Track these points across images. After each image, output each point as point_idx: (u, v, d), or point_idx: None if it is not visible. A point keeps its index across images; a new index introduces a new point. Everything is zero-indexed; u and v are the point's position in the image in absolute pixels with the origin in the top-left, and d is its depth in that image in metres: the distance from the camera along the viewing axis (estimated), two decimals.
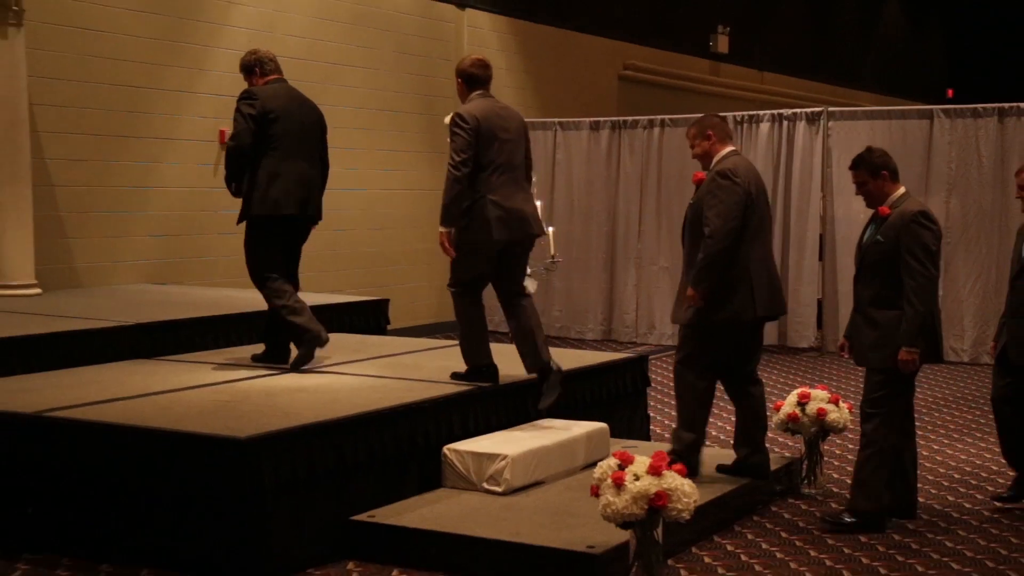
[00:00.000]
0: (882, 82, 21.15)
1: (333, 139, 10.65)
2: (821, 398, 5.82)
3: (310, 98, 6.24)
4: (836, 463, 6.49)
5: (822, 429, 5.79)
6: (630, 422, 6.67)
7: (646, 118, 11.61)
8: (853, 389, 8.83)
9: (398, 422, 5.12)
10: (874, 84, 20.90)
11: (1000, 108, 10.24)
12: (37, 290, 7.89)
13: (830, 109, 10.92)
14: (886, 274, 5.14)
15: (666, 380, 9.21)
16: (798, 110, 11.00)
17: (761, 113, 11.16)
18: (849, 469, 6.36)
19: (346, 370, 6.12)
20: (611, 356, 6.98)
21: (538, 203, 9.77)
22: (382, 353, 6.76)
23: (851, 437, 7.03)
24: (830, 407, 5.78)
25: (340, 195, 10.79)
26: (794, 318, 10.78)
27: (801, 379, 9.17)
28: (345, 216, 10.77)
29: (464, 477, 5.22)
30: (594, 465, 4.40)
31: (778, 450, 6.64)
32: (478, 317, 5.70)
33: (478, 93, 5.65)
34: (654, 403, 7.96)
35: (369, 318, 8.25)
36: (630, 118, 11.78)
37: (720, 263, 5.25)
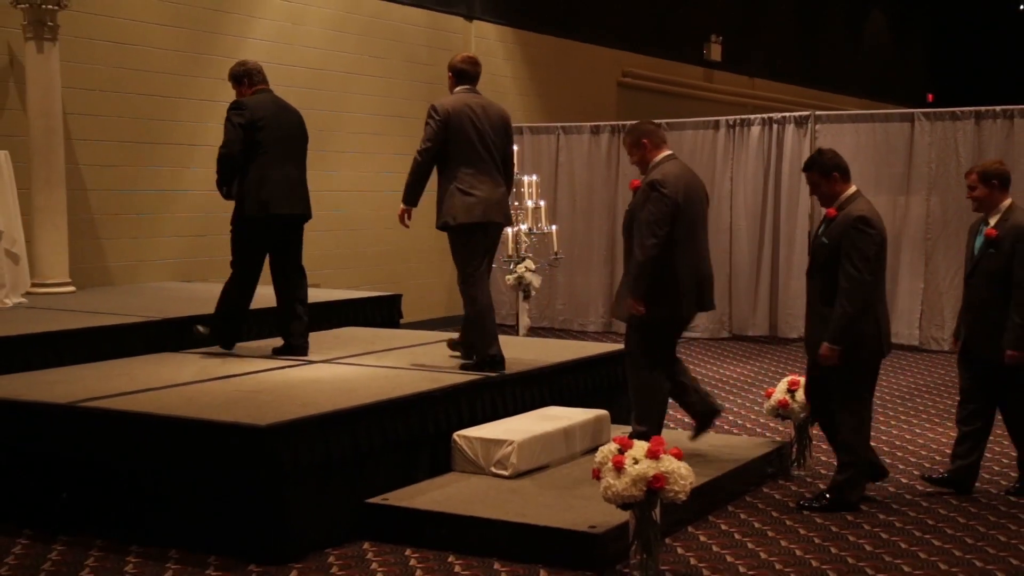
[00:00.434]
0: (866, 87, 21.07)
1: (349, 144, 10.76)
2: None
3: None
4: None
5: (810, 414, 5.75)
6: (629, 409, 6.63)
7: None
8: None
9: (410, 410, 5.10)
10: (859, 89, 20.82)
11: (977, 111, 10.19)
12: (71, 288, 7.89)
13: (817, 113, 10.87)
14: (832, 273, 5.07)
15: None
16: (787, 114, 10.96)
17: (752, 117, 11.12)
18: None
19: (361, 361, 6.10)
20: (611, 347, 6.95)
21: (542, 203, 9.87)
22: (395, 345, 6.74)
23: None
24: None
25: (355, 197, 10.80)
26: (784, 310, 10.75)
27: (791, 368, 9.14)
28: (360, 217, 10.76)
29: (473, 462, 5.20)
30: (595, 450, 4.38)
31: (769, 434, 6.62)
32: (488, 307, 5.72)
33: (464, 88, 5.77)
34: None
35: (383, 312, 8.23)
36: (628, 123, 11.70)
37: (648, 272, 5.20)
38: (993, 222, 5.34)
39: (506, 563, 4.39)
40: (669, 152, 5.43)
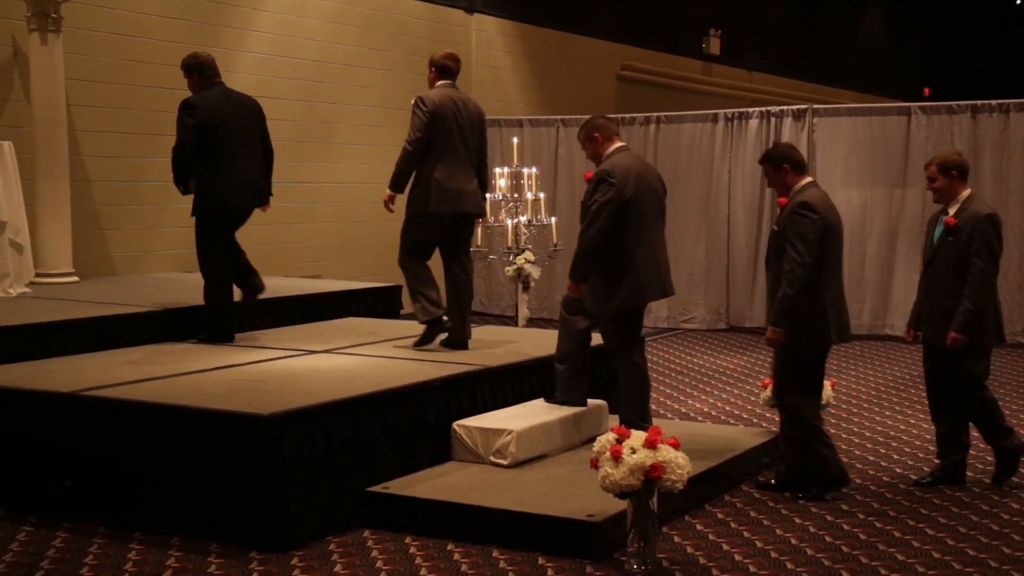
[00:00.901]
0: (863, 81, 21.04)
1: (350, 136, 10.74)
2: None
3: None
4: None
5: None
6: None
7: (643, 115, 11.56)
8: (836, 368, 8.80)
9: (410, 400, 5.10)
10: (856, 83, 20.78)
11: (973, 105, 10.18)
12: (74, 278, 7.88)
13: (815, 106, 10.85)
14: (782, 261, 5.14)
15: (660, 359, 9.19)
16: (785, 107, 10.93)
17: (750, 110, 11.10)
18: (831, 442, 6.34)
19: (362, 351, 6.10)
20: None
21: (541, 195, 9.86)
22: (395, 335, 6.73)
23: (833, 412, 7.01)
24: None
25: (357, 188, 10.79)
26: None
27: None
28: (361, 208, 10.75)
29: (472, 451, 5.20)
30: (593, 439, 4.38)
31: (765, 425, 6.62)
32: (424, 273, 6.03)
33: (445, 83, 5.98)
34: (651, 382, 7.93)
35: (383, 303, 8.22)
36: (628, 115, 11.72)
37: (588, 259, 5.24)
38: (953, 211, 5.36)
39: (505, 551, 4.40)
40: (621, 144, 5.46)
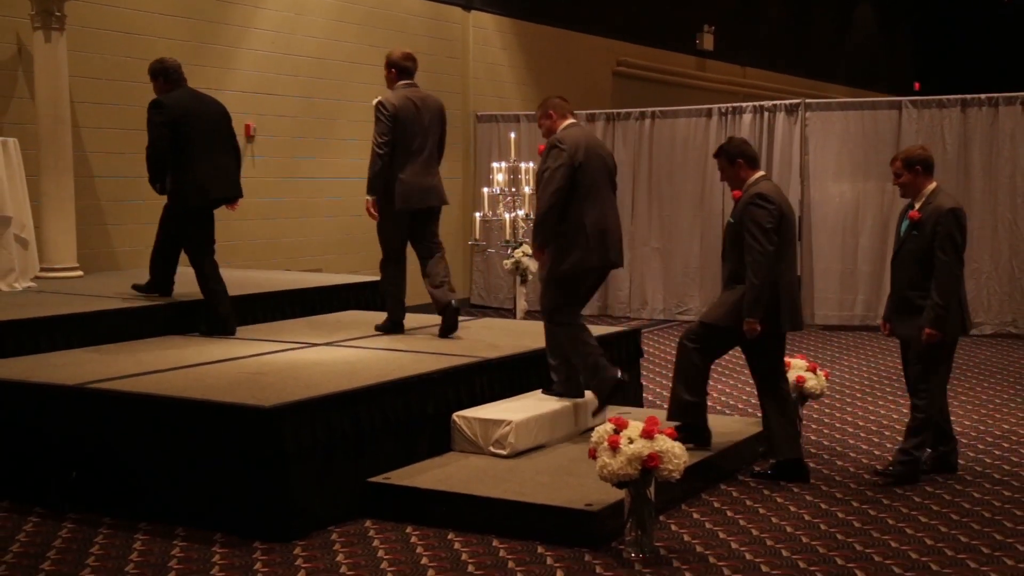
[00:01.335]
0: (854, 76, 21.01)
1: (350, 132, 10.71)
2: (800, 367, 5.77)
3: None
4: (814, 426, 6.46)
5: (801, 395, 5.75)
6: (624, 390, 6.62)
7: (638, 111, 11.54)
8: (829, 358, 8.79)
9: (410, 391, 5.09)
10: (847, 78, 20.76)
11: (963, 99, 10.17)
12: (79, 272, 7.86)
13: (807, 101, 10.83)
14: (739, 252, 5.18)
15: (657, 351, 9.18)
16: (778, 102, 10.91)
17: (744, 105, 11.08)
18: (827, 432, 6.35)
19: (362, 344, 6.08)
20: (607, 330, 6.93)
21: None
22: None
23: (827, 402, 7.01)
24: (808, 375, 5.74)
25: (357, 184, 10.71)
26: None
27: None
28: (360, 203, 10.61)
29: (472, 441, 5.19)
30: (591, 430, 4.36)
31: (760, 415, 6.61)
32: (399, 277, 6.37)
33: (404, 83, 6.21)
34: (647, 372, 7.93)
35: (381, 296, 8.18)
36: (623, 110, 11.70)
37: (548, 221, 5.31)
38: (918, 206, 5.33)
39: (504, 540, 4.38)
40: (573, 121, 5.60)
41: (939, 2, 23.64)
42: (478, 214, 10.19)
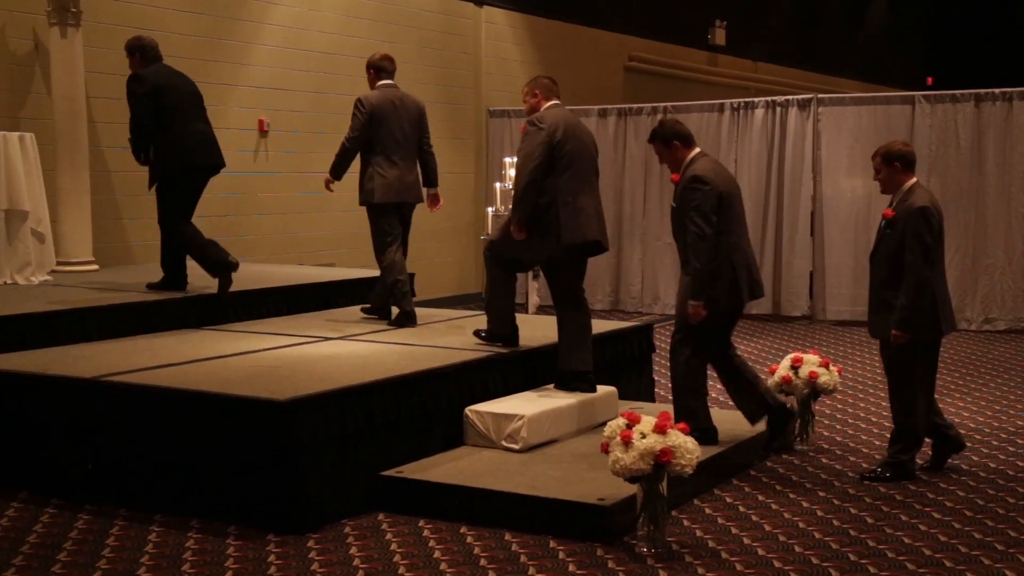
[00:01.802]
0: (866, 71, 20.90)
1: None
2: (813, 362, 5.75)
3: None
4: (827, 422, 6.43)
5: (814, 390, 5.73)
6: (637, 385, 6.62)
7: (649, 105, 11.50)
8: (842, 354, 8.76)
9: (424, 385, 5.09)
10: (859, 73, 20.65)
11: (977, 94, 10.10)
12: (95, 266, 7.88)
13: (819, 96, 10.78)
14: (684, 237, 5.17)
15: (668, 346, 9.14)
16: (790, 97, 10.86)
17: (756, 100, 11.03)
18: (840, 427, 6.32)
19: (376, 338, 6.09)
20: (619, 325, 6.93)
21: None
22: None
23: (840, 398, 6.98)
24: (821, 370, 5.72)
25: None
26: (787, 289, 10.70)
27: (794, 345, 9.10)
28: None
29: (484, 436, 5.19)
30: (604, 425, 4.35)
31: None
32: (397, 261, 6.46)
33: (384, 83, 6.43)
34: (659, 367, 7.90)
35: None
36: (635, 105, 11.67)
37: (527, 198, 5.34)
38: (894, 203, 5.21)
39: (517, 534, 4.38)
40: (557, 103, 5.63)
41: None
42: (490, 209, 10.17)
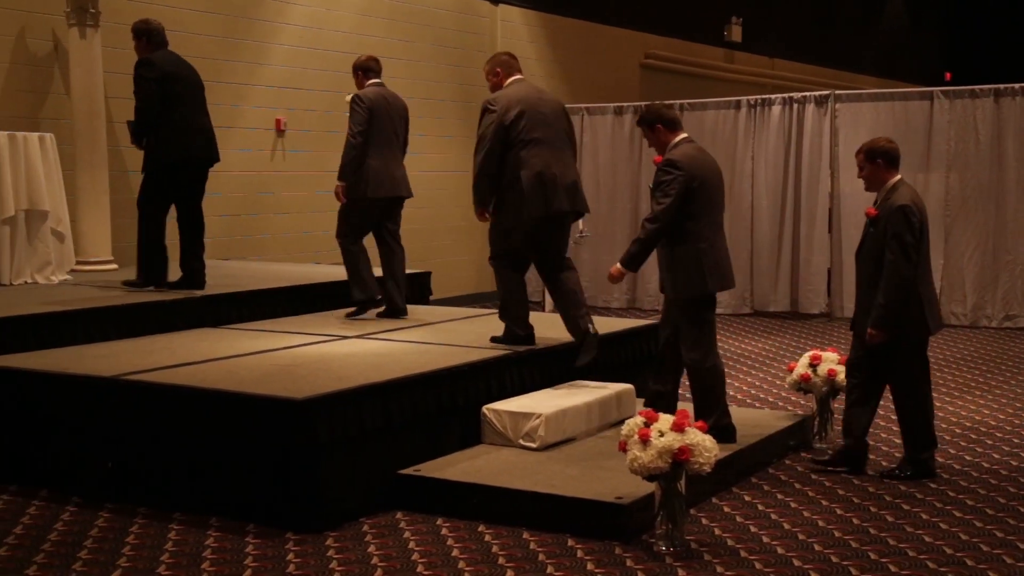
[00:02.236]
0: (883, 67, 20.77)
1: None
2: (832, 360, 5.70)
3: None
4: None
5: (832, 388, 5.68)
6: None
7: (666, 103, 11.43)
8: None
9: (441, 384, 5.08)
10: (876, 68, 20.52)
11: (996, 89, 10.01)
12: (114, 266, 7.91)
13: (837, 92, 10.71)
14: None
15: None
16: (807, 93, 10.80)
17: (773, 97, 10.97)
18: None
19: (393, 337, 6.08)
20: (635, 323, 6.90)
21: None
22: (425, 321, 6.71)
23: None
24: (840, 368, 5.67)
25: None
26: (806, 286, 10.64)
27: (812, 342, 9.05)
28: None
29: (501, 434, 5.17)
30: (621, 423, 4.34)
31: (791, 408, 6.55)
32: (362, 255, 6.52)
33: (372, 82, 6.54)
34: None
35: (413, 289, 8.17)
36: (652, 103, 11.60)
37: (481, 184, 5.42)
38: (877, 202, 5.14)
39: (535, 532, 4.37)
40: (519, 77, 5.62)
41: None
42: None
